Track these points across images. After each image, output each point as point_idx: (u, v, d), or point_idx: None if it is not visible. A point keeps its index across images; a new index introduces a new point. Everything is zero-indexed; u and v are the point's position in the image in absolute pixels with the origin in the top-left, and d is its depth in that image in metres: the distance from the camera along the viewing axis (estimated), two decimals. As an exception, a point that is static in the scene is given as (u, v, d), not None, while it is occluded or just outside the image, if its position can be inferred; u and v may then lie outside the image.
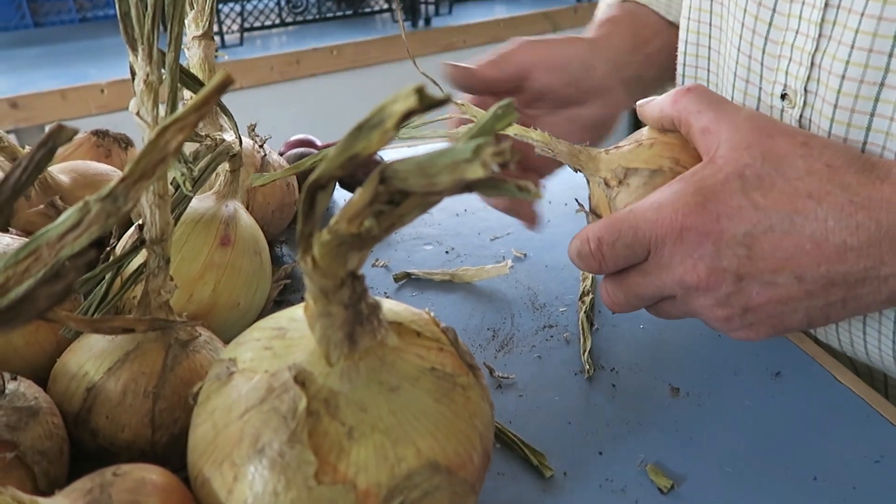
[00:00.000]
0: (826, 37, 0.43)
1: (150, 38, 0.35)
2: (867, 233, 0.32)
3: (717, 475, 0.38)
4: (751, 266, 0.33)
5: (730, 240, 0.33)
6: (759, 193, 0.34)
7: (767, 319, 0.35)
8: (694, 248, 0.34)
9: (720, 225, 0.34)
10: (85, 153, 0.64)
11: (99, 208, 0.26)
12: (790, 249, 0.33)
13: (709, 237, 0.34)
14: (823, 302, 0.34)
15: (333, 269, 0.27)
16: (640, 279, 0.37)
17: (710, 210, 0.34)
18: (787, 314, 0.35)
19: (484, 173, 0.24)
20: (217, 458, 0.29)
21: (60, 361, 0.37)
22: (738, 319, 0.35)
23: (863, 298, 0.34)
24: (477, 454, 0.30)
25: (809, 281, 0.33)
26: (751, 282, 0.34)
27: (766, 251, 0.33)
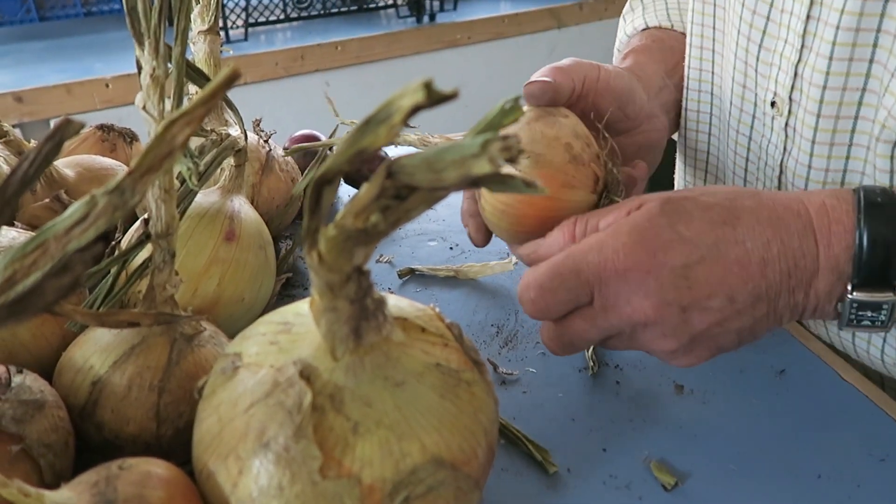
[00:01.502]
0: (808, 48, 0.44)
1: (157, 33, 0.35)
2: (776, 247, 0.36)
3: (721, 472, 0.38)
4: (690, 296, 0.35)
5: (669, 274, 0.35)
6: (683, 226, 0.36)
7: (706, 342, 0.37)
8: (638, 286, 0.36)
9: (657, 260, 0.36)
10: (90, 147, 0.64)
11: (106, 202, 0.26)
12: (721, 274, 0.36)
13: (650, 274, 0.36)
14: (751, 320, 0.37)
15: (339, 265, 0.27)
16: (586, 324, 0.38)
17: (647, 247, 0.36)
18: (722, 335, 0.37)
19: (491, 168, 0.24)
20: (222, 452, 0.29)
21: (66, 355, 0.37)
22: (682, 349, 0.37)
23: (779, 311, 0.37)
24: (481, 450, 0.30)
25: (740, 301, 0.36)
26: (692, 311, 0.36)
27: (702, 279, 0.36)
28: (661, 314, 0.36)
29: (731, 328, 0.37)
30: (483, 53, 1.71)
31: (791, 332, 0.48)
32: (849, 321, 0.37)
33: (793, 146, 0.48)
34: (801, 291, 0.37)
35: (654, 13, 0.64)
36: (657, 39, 0.61)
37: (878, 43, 0.40)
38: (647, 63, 0.57)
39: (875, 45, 0.41)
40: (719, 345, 0.38)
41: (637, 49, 0.59)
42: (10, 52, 1.50)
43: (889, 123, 0.40)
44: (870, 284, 0.35)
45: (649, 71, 0.57)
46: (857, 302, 0.36)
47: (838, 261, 0.36)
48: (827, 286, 0.36)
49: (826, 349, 0.47)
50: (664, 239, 0.36)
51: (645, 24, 0.64)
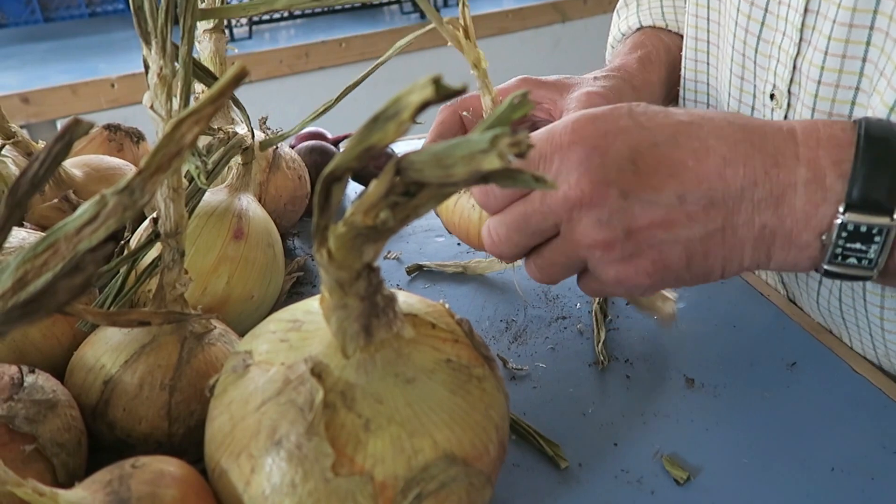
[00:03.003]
0: (806, 41, 0.44)
1: (164, 32, 0.35)
2: (743, 149, 0.33)
3: (733, 466, 0.37)
4: (636, 182, 0.33)
5: (616, 154, 0.33)
6: (645, 118, 0.34)
7: (648, 251, 0.34)
8: (581, 161, 0.33)
9: (606, 140, 0.33)
10: (97, 147, 0.64)
11: (116, 201, 0.26)
12: (674, 165, 0.33)
13: (595, 150, 0.33)
14: (702, 230, 0.33)
15: (349, 262, 0.27)
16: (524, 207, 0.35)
17: (598, 126, 0.33)
18: (668, 245, 0.33)
19: (500, 164, 0.24)
20: (234, 450, 0.29)
21: (77, 354, 0.37)
22: (619, 247, 0.33)
23: (738, 230, 0.33)
24: (493, 445, 0.30)
25: (691, 201, 0.33)
26: (635, 200, 0.33)
27: (651, 166, 0.33)
28: (598, 195, 0.32)
29: (679, 236, 0.33)
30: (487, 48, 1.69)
31: (802, 324, 0.48)
32: (833, 256, 0.32)
33: None
34: (767, 208, 0.33)
35: (649, 12, 0.63)
36: (667, 49, 0.60)
37: (871, 41, 0.39)
38: (656, 84, 0.57)
39: (868, 42, 0.40)
40: (665, 259, 0.34)
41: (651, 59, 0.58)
42: (15, 53, 1.50)
43: None
44: (864, 207, 0.31)
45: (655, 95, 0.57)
46: (848, 229, 0.32)
47: (825, 175, 0.32)
48: (807, 205, 0.32)
49: (837, 342, 0.47)
50: (619, 124, 0.33)
51: (639, 23, 0.63)
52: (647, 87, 0.56)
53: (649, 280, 0.34)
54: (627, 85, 0.52)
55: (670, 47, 0.61)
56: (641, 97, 0.54)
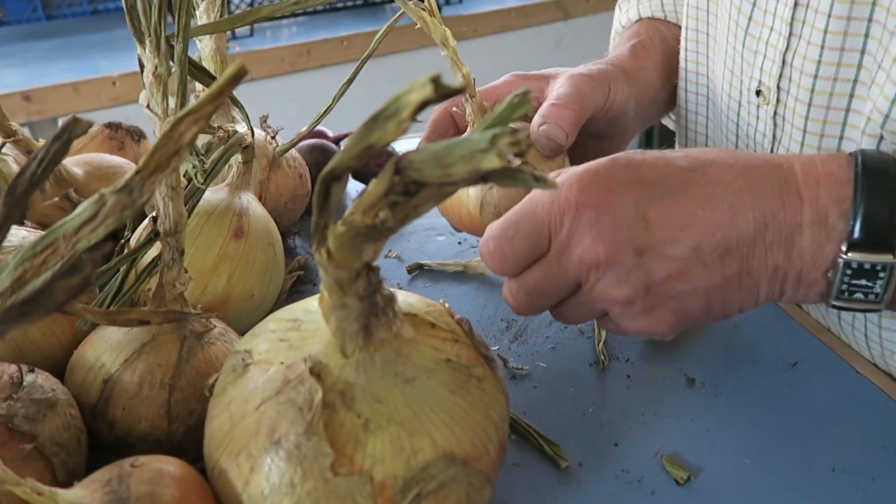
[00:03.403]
0: (796, 36, 0.43)
1: (157, 31, 0.35)
2: (749, 195, 0.33)
3: (734, 466, 0.37)
4: (648, 237, 0.33)
5: (625, 212, 0.33)
6: (646, 169, 0.34)
7: (668, 302, 0.34)
8: (592, 224, 0.33)
9: (613, 197, 0.33)
10: (98, 146, 0.64)
11: (114, 200, 0.26)
12: (684, 217, 0.33)
13: (605, 211, 0.33)
14: (720, 278, 0.33)
15: (348, 261, 0.27)
16: (542, 273, 0.36)
17: (602, 184, 0.34)
18: (687, 295, 0.34)
19: (500, 163, 0.23)
20: (234, 450, 0.29)
21: (77, 353, 0.37)
22: (640, 302, 0.34)
23: (753, 273, 0.34)
24: (493, 445, 0.30)
25: (706, 251, 0.33)
26: (650, 255, 0.33)
27: (661, 220, 0.33)
28: (614, 254, 0.33)
29: (698, 286, 0.33)
30: (489, 46, 1.70)
31: (803, 324, 0.48)
32: (839, 293, 0.33)
33: (782, 135, 0.47)
34: (780, 250, 0.33)
35: (648, 3, 0.63)
36: (662, 38, 0.60)
37: (869, 33, 0.39)
38: (651, 69, 0.57)
39: (867, 35, 0.40)
40: (685, 308, 0.34)
41: (644, 47, 0.58)
42: (17, 51, 1.50)
43: (874, 116, 0.39)
44: (866, 245, 0.32)
45: (650, 79, 0.57)
46: (852, 267, 0.32)
47: (827, 214, 0.32)
48: (813, 244, 0.33)
49: (839, 342, 0.47)
50: (623, 178, 0.34)
51: (638, 15, 0.63)
52: (641, 72, 0.55)
53: (670, 328, 0.35)
54: (617, 69, 0.52)
55: (666, 36, 0.60)
56: (636, 82, 0.54)
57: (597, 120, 0.50)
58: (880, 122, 0.39)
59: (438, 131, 0.50)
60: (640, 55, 0.57)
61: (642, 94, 0.55)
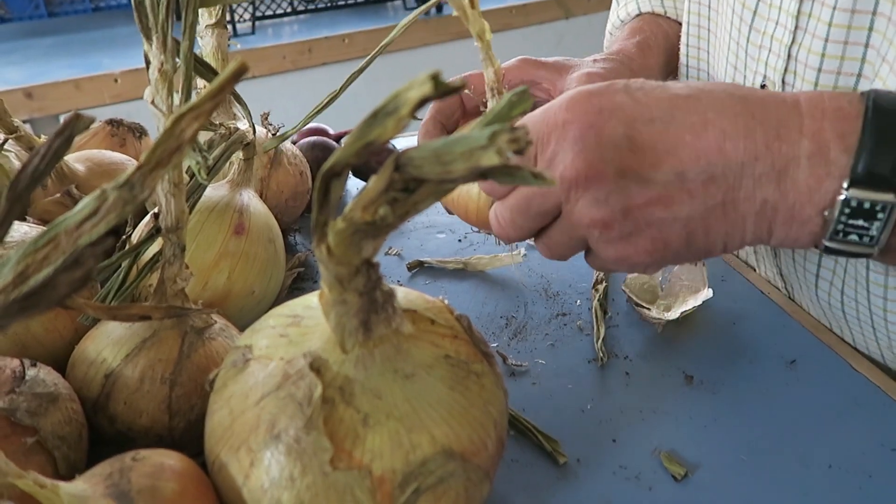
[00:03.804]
0: (802, 29, 0.43)
1: (165, 27, 0.35)
2: (744, 122, 0.32)
3: (731, 463, 0.38)
4: (632, 159, 0.32)
5: (612, 132, 0.32)
6: (641, 93, 0.33)
7: (647, 229, 0.33)
8: (576, 140, 0.32)
9: (602, 117, 0.32)
10: (100, 142, 0.64)
11: (116, 196, 0.26)
12: (671, 142, 0.32)
13: (591, 128, 0.32)
14: (702, 207, 0.32)
15: (348, 257, 0.27)
16: (524, 191, 0.35)
17: (593, 103, 0.33)
18: (667, 223, 0.33)
19: (499, 160, 0.24)
20: (234, 444, 0.29)
21: (79, 348, 0.37)
22: (617, 226, 0.33)
23: (739, 206, 0.33)
24: (491, 441, 0.30)
25: (689, 178, 0.32)
26: (632, 178, 0.32)
27: (647, 143, 0.32)
28: (595, 173, 0.32)
29: (679, 214, 0.32)
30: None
31: (801, 322, 0.48)
32: (834, 233, 0.32)
33: None
34: (769, 183, 0.32)
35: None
36: (665, 35, 0.60)
37: (873, 27, 0.39)
38: (654, 69, 0.57)
39: (870, 28, 0.39)
40: (665, 237, 0.33)
41: (649, 44, 0.58)
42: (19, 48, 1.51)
43: None
44: (868, 182, 0.30)
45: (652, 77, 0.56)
46: (851, 205, 0.31)
47: (829, 148, 0.31)
48: (810, 178, 0.31)
49: (837, 339, 0.47)
50: (615, 99, 0.33)
51: (638, 9, 0.63)
52: (645, 72, 0.55)
53: (650, 258, 0.34)
54: (626, 68, 0.52)
55: (668, 34, 0.61)
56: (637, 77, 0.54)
57: None
58: None
59: (444, 110, 0.49)
60: (647, 54, 0.57)
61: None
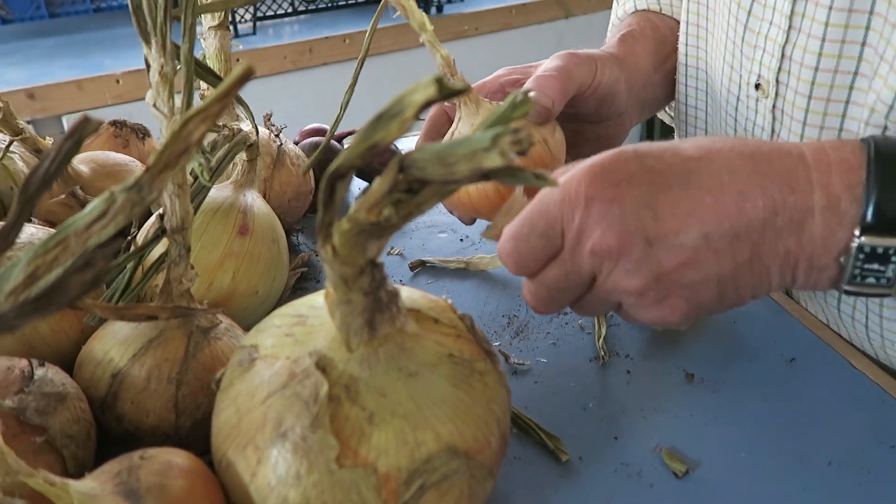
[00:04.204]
0: (796, 29, 0.44)
1: (163, 30, 0.35)
2: (757, 181, 0.33)
3: (732, 460, 0.38)
4: (657, 227, 0.33)
5: (633, 202, 0.33)
6: (653, 160, 0.34)
7: (680, 291, 0.34)
8: (601, 216, 0.34)
9: (620, 189, 0.33)
10: (103, 143, 0.64)
11: (125, 198, 0.26)
12: (692, 205, 0.33)
13: (613, 202, 0.33)
14: (731, 264, 0.34)
15: (353, 258, 0.28)
16: (558, 269, 0.36)
17: (609, 178, 0.34)
18: (699, 284, 0.34)
19: (502, 162, 0.24)
20: (241, 442, 0.29)
21: (86, 348, 0.38)
22: (651, 293, 0.34)
23: (764, 259, 0.34)
24: (494, 438, 0.31)
25: (715, 238, 0.33)
26: (660, 245, 0.33)
27: (669, 210, 0.33)
28: (623, 245, 0.33)
29: (709, 273, 0.34)
30: (491, 44, 1.70)
31: (801, 321, 0.49)
32: (851, 278, 0.33)
33: (781, 128, 0.47)
34: (790, 235, 0.33)
35: None
36: (653, 27, 0.61)
37: (870, 25, 0.40)
38: (639, 54, 0.57)
39: (867, 27, 0.40)
40: (697, 296, 0.34)
41: (633, 35, 0.58)
42: (20, 49, 1.51)
43: (878, 108, 0.40)
44: (879, 229, 0.32)
45: (640, 63, 0.57)
46: (864, 251, 0.32)
47: (839, 199, 0.32)
48: (824, 230, 0.33)
49: (836, 337, 0.47)
50: (630, 170, 0.34)
51: (634, 7, 0.64)
52: (631, 57, 0.56)
53: (683, 317, 0.35)
54: (605, 54, 0.53)
55: (658, 26, 0.61)
56: (625, 65, 0.54)
57: (586, 99, 0.51)
58: (885, 112, 0.40)
59: (436, 127, 0.51)
60: (629, 42, 0.57)
61: (633, 77, 0.55)
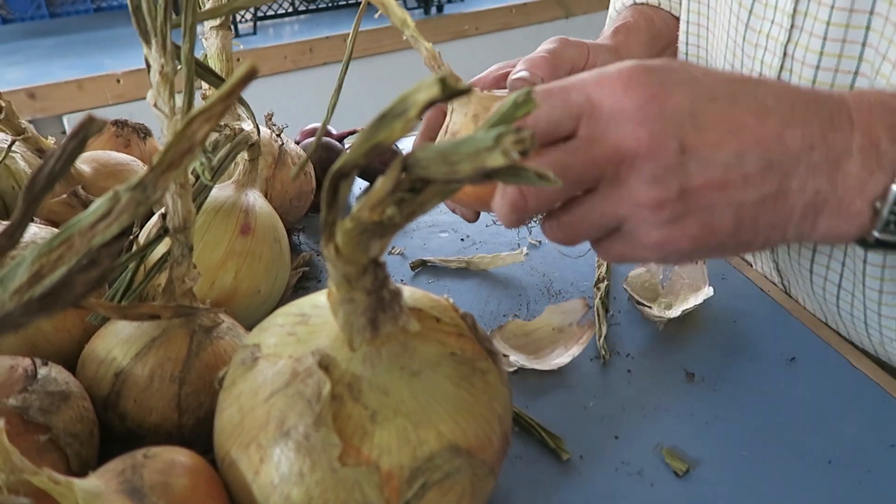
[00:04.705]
0: (798, 28, 0.44)
1: (163, 31, 0.35)
2: (801, 113, 0.31)
3: (732, 459, 0.38)
4: (695, 137, 0.30)
5: (675, 105, 0.31)
6: (701, 72, 0.32)
7: (700, 213, 0.31)
8: (638, 108, 0.30)
9: (664, 88, 0.31)
10: (104, 143, 0.65)
11: (129, 197, 0.26)
12: (734, 122, 0.31)
13: (654, 99, 0.30)
14: (756, 194, 0.31)
15: (356, 257, 0.28)
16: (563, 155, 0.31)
17: (654, 76, 0.31)
18: (720, 209, 0.31)
19: (505, 161, 0.24)
20: (244, 441, 0.30)
21: (89, 347, 0.38)
22: (670, 207, 0.31)
23: (790, 196, 0.32)
24: (496, 437, 0.31)
25: (749, 162, 0.31)
26: (693, 156, 0.31)
27: (711, 122, 0.31)
28: (657, 146, 0.30)
29: (733, 199, 0.31)
30: (491, 44, 1.70)
31: (801, 320, 0.49)
32: (886, 224, 0.31)
33: None
34: (823, 172, 0.31)
35: None
36: (648, 19, 0.60)
37: (870, 26, 0.40)
38: (633, 44, 0.57)
39: (868, 27, 0.40)
40: (713, 222, 0.32)
41: (627, 27, 0.58)
42: (21, 48, 1.51)
43: None
44: None
45: (633, 53, 0.56)
46: None
47: (879, 140, 0.31)
48: (862, 170, 0.31)
49: (836, 336, 0.47)
50: (675, 75, 0.31)
51: (633, 0, 0.64)
52: (624, 47, 0.56)
53: (692, 245, 0.32)
54: (599, 44, 0.53)
55: (653, 18, 0.61)
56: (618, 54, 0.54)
57: None
58: None
59: (433, 126, 0.50)
60: (623, 33, 0.57)
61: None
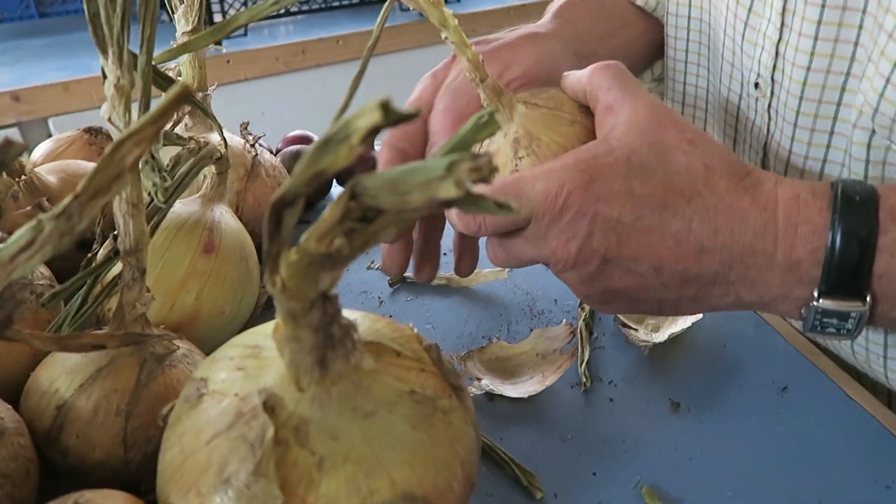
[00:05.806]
0: (787, 27, 0.43)
1: (121, 41, 0.33)
2: (722, 238, 0.34)
3: (716, 499, 0.36)
4: (617, 251, 0.35)
5: (603, 223, 0.34)
6: (639, 182, 0.34)
7: (624, 300, 0.37)
8: (570, 226, 0.35)
9: (597, 207, 0.34)
10: (77, 152, 0.62)
11: (52, 227, 0.24)
12: (654, 242, 0.34)
13: (584, 217, 0.35)
14: (676, 295, 0.36)
15: (303, 291, 0.26)
16: (521, 244, 0.38)
17: (592, 191, 0.34)
18: (643, 301, 0.37)
19: (457, 193, 0.22)
20: (184, 486, 0.27)
21: (33, 376, 0.36)
22: (597, 297, 0.37)
23: (711, 299, 0.36)
24: (458, 482, 0.29)
25: (667, 275, 0.35)
26: (614, 266, 0.35)
27: (633, 238, 0.35)
28: (582, 258, 0.35)
29: (654, 297, 0.36)
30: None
31: (796, 346, 0.46)
32: (812, 327, 0.35)
33: (775, 128, 0.46)
34: (744, 287, 0.35)
35: None
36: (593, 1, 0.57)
37: (863, 25, 0.39)
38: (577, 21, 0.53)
39: (860, 27, 0.39)
40: (640, 308, 0.38)
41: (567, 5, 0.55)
42: (8, 49, 1.49)
43: (865, 110, 0.39)
44: (838, 292, 0.33)
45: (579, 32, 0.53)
46: (822, 310, 0.34)
47: (800, 264, 0.33)
48: (783, 286, 0.34)
49: (832, 365, 0.45)
50: (613, 189, 0.34)
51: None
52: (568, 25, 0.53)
53: (624, 312, 0.39)
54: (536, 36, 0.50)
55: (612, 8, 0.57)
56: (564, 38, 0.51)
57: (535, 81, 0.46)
58: (871, 115, 0.38)
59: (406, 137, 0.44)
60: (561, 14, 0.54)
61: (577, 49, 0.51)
